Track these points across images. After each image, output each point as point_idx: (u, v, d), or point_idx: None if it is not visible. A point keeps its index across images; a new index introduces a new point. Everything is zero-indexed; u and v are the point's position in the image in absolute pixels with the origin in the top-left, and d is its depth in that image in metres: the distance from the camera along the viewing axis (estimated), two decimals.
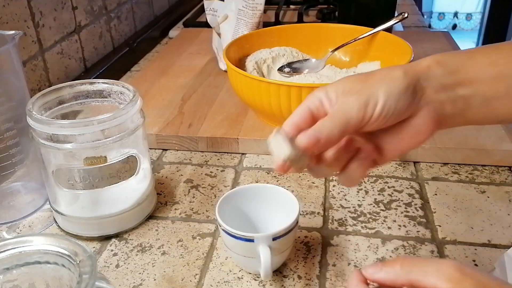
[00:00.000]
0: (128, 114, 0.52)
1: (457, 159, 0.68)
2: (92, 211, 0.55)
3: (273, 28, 0.87)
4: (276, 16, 1.22)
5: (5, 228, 0.58)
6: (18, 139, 0.57)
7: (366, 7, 0.97)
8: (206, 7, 0.93)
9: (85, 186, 0.53)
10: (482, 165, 0.67)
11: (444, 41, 1.08)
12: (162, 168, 0.69)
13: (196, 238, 0.56)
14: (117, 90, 0.57)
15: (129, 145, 0.54)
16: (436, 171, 0.67)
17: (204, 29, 1.17)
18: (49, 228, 0.59)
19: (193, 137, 0.72)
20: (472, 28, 3.58)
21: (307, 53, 0.85)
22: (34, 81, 0.85)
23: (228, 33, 0.90)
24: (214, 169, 0.69)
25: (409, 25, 1.25)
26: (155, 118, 0.77)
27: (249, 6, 0.87)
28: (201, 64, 0.99)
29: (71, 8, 0.95)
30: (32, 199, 0.62)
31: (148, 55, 1.13)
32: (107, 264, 0.53)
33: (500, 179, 0.64)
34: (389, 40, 0.80)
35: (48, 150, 0.52)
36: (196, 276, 0.51)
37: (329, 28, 0.87)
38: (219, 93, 0.85)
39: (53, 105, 0.56)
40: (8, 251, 0.36)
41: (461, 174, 0.66)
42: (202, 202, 0.62)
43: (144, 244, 0.55)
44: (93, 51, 1.04)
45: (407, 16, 0.83)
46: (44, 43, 0.87)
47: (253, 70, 0.78)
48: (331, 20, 1.21)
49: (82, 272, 0.33)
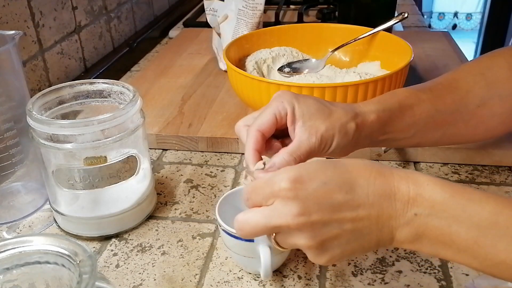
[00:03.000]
0: (128, 114, 0.52)
1: (457, 159, 0.68)
2: (92, 211, 0.55)
3: (273, 28, 0.87)
4: (276, 16, 1.22)
5: (5, 228, 0.58)
6: (18, 139, 0.57)
7: (366, 7, 0.96)
8: (206, 7, 0.93)
9: (85, 186, 0.53)
10: (482, 165, 0.67)
11: (444, 41, 1.08)
12: (162, 168, 0.69)
13: (196, 238, 0.56)
14: (117, 90, 0.57)
15: (129, 145, 0.54)
16: (436, 171, 0.67)
17: (204, 29, 1.17)
18: (49, 228, 0.59)
19: (193, 137, 0.72)
20: (472, 28, 3.59)
21: (307, 53, 0.85)
22: (34, 81, 0.85)
23: (228, 33, 0.90)
24: (214, 169, 0.69)
25: (409, 25, 1.25)
26: (155, 118, 0.77)
27: (249, 6, 0.86)
28: (201, 64, 0.99)
29: (71, 8, 0.95)
30: (32, 199, 0.62)
31: (148, 55, 1.13)
32: (107, 264, 0.53)
33: (500, 179, 0.64)
34: (389, 40, 0.80)
35: (48, 150, 0.52)
36: (196, 276, 0.51)
37: (329, 28, 0.87)
38: (219, 93, 0.85)
39: (53, 105, 0.56)
40: (8, 251, 0.36)
41: (461, 174, 0.66)
42: (202, 202, 0.62)
43: (144, 244, 0.55)
44: (93, 51, 1.04)
45: (407, 16, 0.83)
46: (44, 43, 0.87)
47: (253, 70, 0.78)
48: (331, 20, 1.21)
49: (82, 272, 0.33)
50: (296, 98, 0.47)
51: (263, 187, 0.39)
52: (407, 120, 0.51)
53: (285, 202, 0.38)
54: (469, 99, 0.54)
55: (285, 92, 0.48)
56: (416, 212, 0.37)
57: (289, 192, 0.37)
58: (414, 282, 0.49)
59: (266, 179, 0.40)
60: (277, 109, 0.46)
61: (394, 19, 0.82)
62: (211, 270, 0.51)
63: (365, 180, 0.38)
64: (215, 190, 0.64)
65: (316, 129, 0.46)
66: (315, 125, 0.46)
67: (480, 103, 0.54)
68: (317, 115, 0.46)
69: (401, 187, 0.38)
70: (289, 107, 0.46)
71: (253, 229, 0.40)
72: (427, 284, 0.49)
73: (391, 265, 0.51)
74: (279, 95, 0.48)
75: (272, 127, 0.46)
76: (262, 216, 0.39)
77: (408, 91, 0.52)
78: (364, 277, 0.50)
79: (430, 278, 0.49)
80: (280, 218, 0.38)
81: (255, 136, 0.46)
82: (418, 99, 0.51)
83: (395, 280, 0.49)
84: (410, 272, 0.50)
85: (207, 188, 0.65)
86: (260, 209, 0.39)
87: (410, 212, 0.37)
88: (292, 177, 0.38)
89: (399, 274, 0.50)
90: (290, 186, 0.37)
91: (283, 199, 0.38)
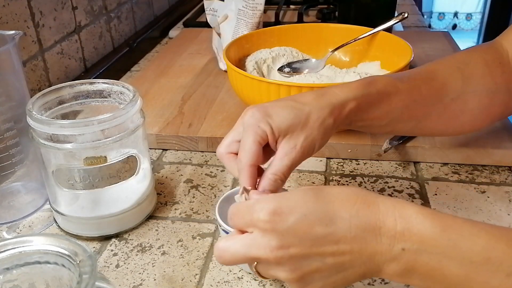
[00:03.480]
0: (128, 114, 0.52)
1: (457, 159, 0.68)
2: (92, 211, 0.55)
3: (273, 28, 0.87)
4: (276, 16, 1.22)
5: (5, 228, 0.58)
6: (18, 139, 0.57)
7: (366, 7, 0.97)
8: (206, 7, 0.93)
9: (85, 186, 0.53)
10: (482, 165, 0.67)
11: (444, 41, 1.08)
12: (162, 168, 0.69)
13: (196, 238, 0.56)
14: (117, 90, 0.57)
15: (129, 145, 0.54)
16: (436, 171, 0.67)
17: (204, 29, 1.17)
18: (49, 228, 0.59)
19: (193, 137, 0.72)
20: (472, 28, 3.58)
21: (307, 53, 0.85)
22: (34, 81, 0.85)
23: (228, 33, 0.90)
24: (214, 169, 0.69)
25: (409, 25, 1.25)
26: (155, 118, 0.77)
27: (249, 6, 0.87)
28: (201, 64, 0.99)
29: (71, 8, 0.95)
30: (32, 199, 0.62)
31: (148, 55, 1.13)
32: (107, 264, 0.53)
33: (500, 179, 0.64)
34: (389, 40, 0.80)
35: (48, 150, 0.52)
36: (196, 276, 0.51)
37: (329, 28, 0.87)
38: (219, 93, 0.85)
39: (53, 105, 0.56)
40: (8, 251, 0.36)
41: (461, 174, 0.66)
42: (202, 202, 0.62)
43: (144, 244, 0.55)
44: (93, 51, 1.04)
45: (407, 16, 0.83)
46: (44, 43, 0.87)
47: (253, 70, 0.78)
48: (331, 20, 1.21)
49: (82, 272, 0.33)
50: (268, 115, 0.46)
51: (244, 213, 0.39)
52: (383, 108, 0.50)
53: (263, 234, 0.37)
54: (444, 91, 0.54)
55: (254, 112, 0.46)
56: (404, 247, 0.36)
57: (267, 224, 0.37)
58: None
59: (248, 205, 0.39)
60: (257, 135, 0.45)
61: (394, 19, 0.82)
62: (211, 270, 0.51)
63: (347, 212, 0.37)
64: (215, 190, 0.64)
65: (294, 142, 0.45)
66: (294, 137, 0.46)
67: (455, 96, 0.55)
68: (294, 126, 0.46)
69: (387, 220, 0.36)
70: (267, 128, 0.45)
71: (232, 257, 0.40)
72: None
73: None
74: (251, 116, 0.46)
75: (259, 155, 0.46)
76: (241, 246, 0.39)
77: (386, 79, 0.52)
78: None
79: None
80: (259, 250, 0.38)
81: (249, 173, 0.45)
82: (396, 89, 0.51)
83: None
84: None
85: (207, 188, 0.65)
86: (240, 238, 0.39)
87: (397, 247, 0.36)
88: (271, 209, 0.37)
89: None
90: (268, 218, 0.37)
91: (261, 231, 0.38)
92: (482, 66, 0.57)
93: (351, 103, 0.48)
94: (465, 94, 0.55)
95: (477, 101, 0.56)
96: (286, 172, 0.45)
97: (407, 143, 0.67)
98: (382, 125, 0.52)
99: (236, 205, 0.41)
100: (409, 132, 0.57)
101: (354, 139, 0.69)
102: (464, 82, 0.55)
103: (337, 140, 0.68)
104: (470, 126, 0.59)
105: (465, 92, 0.55)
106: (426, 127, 0.56)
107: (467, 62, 0.57)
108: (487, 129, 0.69)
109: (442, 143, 0.67)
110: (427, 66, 0.57)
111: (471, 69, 0.56)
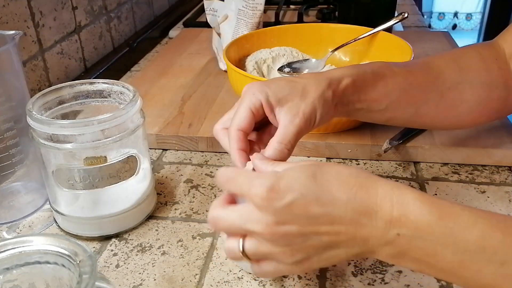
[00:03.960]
0: (128, 114, 0.52)
1: (457, 159, 0.68)
2: (92, 211, 0.55)
3: (273, 28, 0.87)
4: (276, 16, 1.22)
5: (5, 228, 0.58)
6: (18, 139, 0.57)
7: (366, 7, 0.97)
8: (206, 7, 0.93)
9: (85, 186, 0.53)
10: (482, 165, 0.67)
11: (444, 41, 1.08)
12: (162, 168, 0.69)
13: (196, 238, 0.56)
14: (117, 90, 0.57)
15: (129, 145, 0.54)
16: (436, 171, 0.67)
17: (204, 29, 1.17)
18: (49, 228, 0.59)
19: (193, 137, 0.72)
20: (472, 28, 3.58)
21: (307, 53, 0.85)
22: (34, 81, 0.85)
23: (228, 33, 0.90)
24: (214, 169, 0.69)
25: (409, 25, 1.25)
26: (155, 118, 0.77)
27: (249, 6, 0.87)
28: (201, 64, 0.99)
29: (71, 8, 0.95)
30: (32, 199, 0.62)
31: (148, 55, 1.13)
32: (107, 264, 0.53)
33: (500, 179, 0.64)
34: (389, 40, 0.80)
35: (48, 150, 0.52)
36: (196, 276, 0.51)
37: (329, 28, 0.87)
38: (219, 93, 0.85)
39: (53, 105, 0.56)
40: (8, 251, 0.36)
41: (461, 174, 0.66)
42: (202, 202, 0.62)
43: (144, 244, 0.55)
44: (93, 51, 1.04)
45: (407, 16, 0.83)
46: (44, 43, 0.87)
47: (253, 70, 0.78)
48: (331, 20, 1.21)
49: (82, 272, 0.33)
50: (266, 85, 0.47)
51: (242, 183, 0.39)
52: (380, 89, 0.51)
53: (260, 209, 0.38)
54: (440, 80, 0.55)
55: (253, 83, 0.47)
56: (399, 232, 0.36)
57: (264, 200, 0.37)
58: (414, 282, 0.49)
59: (249, 176, 0.39)
60: (251, 102, 0.45)
61: (394, 19, 0.82)
62: (211, 270, 0.51)
63: (345, 194, 0.37)
64: (215, 190, 0.64)
65: (297, 109, 0.45)
66: (294, 105, 0.45)
67: (451, 85, 0.55)
68: (293, 95, 0.46)
69: (384, 205, 0.36)
70: (262, 96, 0.45)
71: (227, 227, 0.40)
72: (427, 284, 0.49)
73: (391, 265, 0.51)
74: (249, 88, 0.47)
75: (251, 122, 0.46)
76: (237, 217, 0.39)
77: (381, 63, 0.54)
78: (364, 277, 0.50)
79: (430, 278, 0.49)
80: (255, 224, 0.38)
81: (236, 136, 0.45)
82: (391, 71, 0.53)
83: (395, 280, 0.49)
84: (410, 272, 0.50)
85: (207, 188, 0.65)
86: (238, 209, 0.40)
87: (392, 231, 0.36)
88: (270, 186, 0.37)
89: (399, 274, 0.50)
90: (266, 195, 0.37)
91: (257, 206, 0.38)
92: (478, 60, 0.57)
93: (346, 79, 0.49)
94: (461, 84, 0.56)
95: (473, 93, 0.56)
96: (293, 140, 0.45)
97: (407, 143, 0.68)
98: (381, 110, 0.52)
99: (235, 170, 0.41)
100: (409, 120, 0.57)
101: (354, 139, 0.69)
102: (460, 72, 0.56)
103: (337, 140, 0.69)
104: (468, 119, 0.58)
105: (461, 83, 0.56)
106: (426, 115, 0.56)
107: (462, 56, 0.58)
108: (487, 129, 0.69)
109: (442, 143, 0.67)
110: (423, 58, 0.58)
111: (467, 62, 0.57)
